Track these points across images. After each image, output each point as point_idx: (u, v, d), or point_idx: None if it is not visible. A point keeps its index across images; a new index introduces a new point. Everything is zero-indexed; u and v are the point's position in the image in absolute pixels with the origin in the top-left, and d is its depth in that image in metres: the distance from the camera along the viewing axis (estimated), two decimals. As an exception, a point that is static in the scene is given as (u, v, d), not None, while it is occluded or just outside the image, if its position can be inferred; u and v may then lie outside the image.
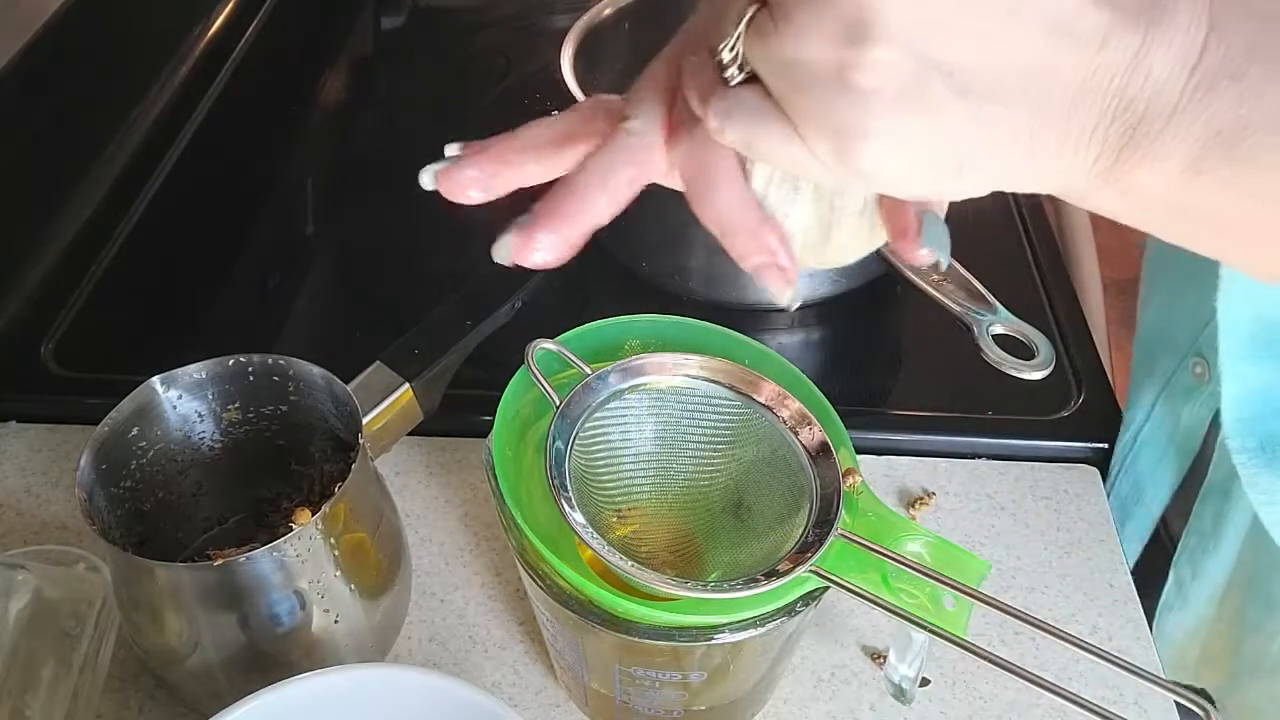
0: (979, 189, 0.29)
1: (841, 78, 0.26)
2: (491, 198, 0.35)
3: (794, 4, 0.26)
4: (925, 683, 0.55)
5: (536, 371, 0.48)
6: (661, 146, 0.34)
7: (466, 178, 0.35)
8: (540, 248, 0.33)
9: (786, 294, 0.34)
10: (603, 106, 0.36)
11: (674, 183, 0.34)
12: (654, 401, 0.49)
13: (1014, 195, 0.89)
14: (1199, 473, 0.61)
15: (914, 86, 0.26)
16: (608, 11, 0.78)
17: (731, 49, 0.29)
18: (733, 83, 0.29)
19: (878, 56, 0.25)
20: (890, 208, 0.34)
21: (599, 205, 0.33)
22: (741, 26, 0.28)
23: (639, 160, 0.34)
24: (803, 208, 0.34)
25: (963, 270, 0.62)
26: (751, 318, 0.74)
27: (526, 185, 0.36)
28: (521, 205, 0.35)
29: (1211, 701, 0.38)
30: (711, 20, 0.31)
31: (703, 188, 0.33)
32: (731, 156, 0.33)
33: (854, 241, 0.35)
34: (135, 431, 0.51)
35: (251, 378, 0.53)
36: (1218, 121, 0.25)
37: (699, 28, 0.35)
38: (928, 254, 0.33)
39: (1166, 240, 0.30)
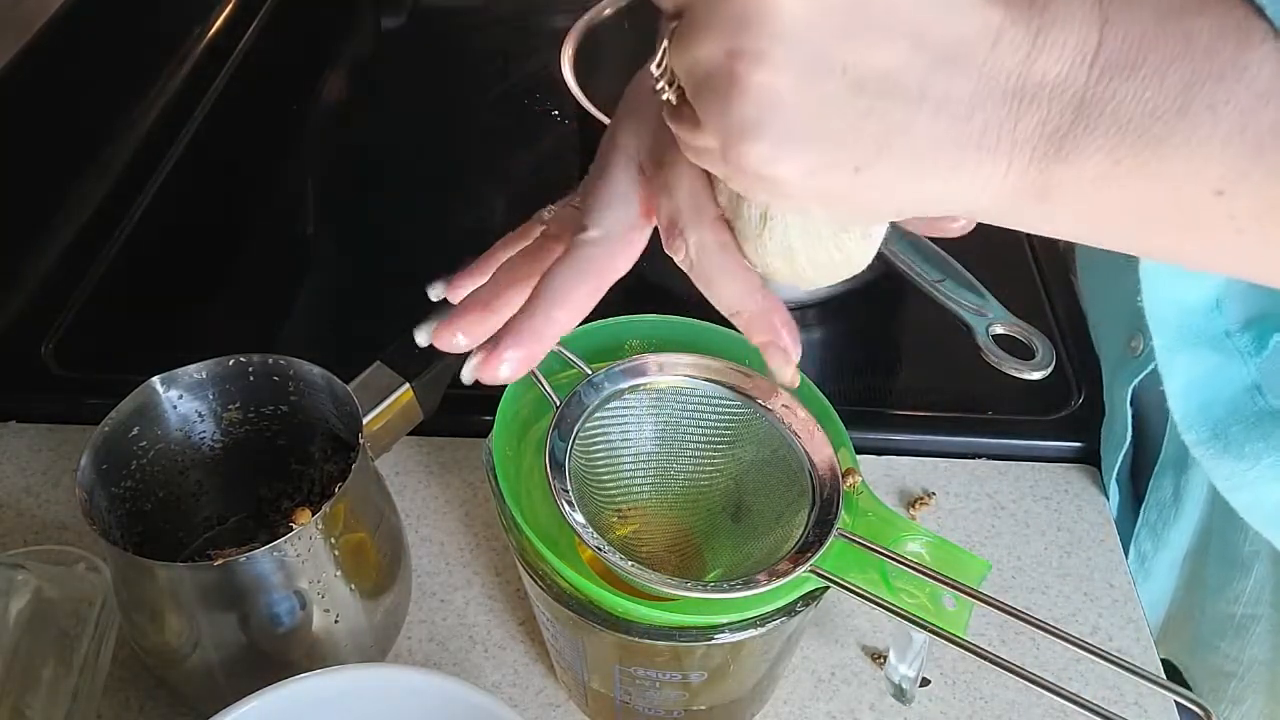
0: (884, 203, 0.29)
1: (731, 72, 0.26)
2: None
3: (695, 6, 0.27)
4: (925, 683, 0.55)
5: (536, 371, 0.48)
6: (624, 251, 0.36)
7: (460, 344, 0.39)
8: (507, 362, 0.36)
9: (787, 373, 0.36)
10: (562, 220, 0.38)
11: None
12: (654, 401, 0.49)
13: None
14: (1148, 447, 0.61)
15: (804, 82, 0.26)
16: (608, 11, 0.78)
17: (659, 64, 0.29)
18: (663, 96, 0.30)
19: (766, 50, 0.25)
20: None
21: (561, 321, 0.36)
22: (665, 41, 0.29)
23: (598, 270, 0.36)
24: (773, 229, 0.33)
25: (963, 270, 0.62)
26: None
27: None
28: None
29: None
30: (644, 79, 0.32)
31: (709, 277, 0.34)
32: (730, 244, 0.34)
33: (818, 267, 0.34)
34: (135, 431, 0.51)
35: (251, 378, 0.53)
36: (1125, 111, 0.26)
37: (636, 94, 0.36)
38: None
39: (1094, 245, 0.30)
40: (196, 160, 0.90)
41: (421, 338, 0.39)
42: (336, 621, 0.50)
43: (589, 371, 0.48)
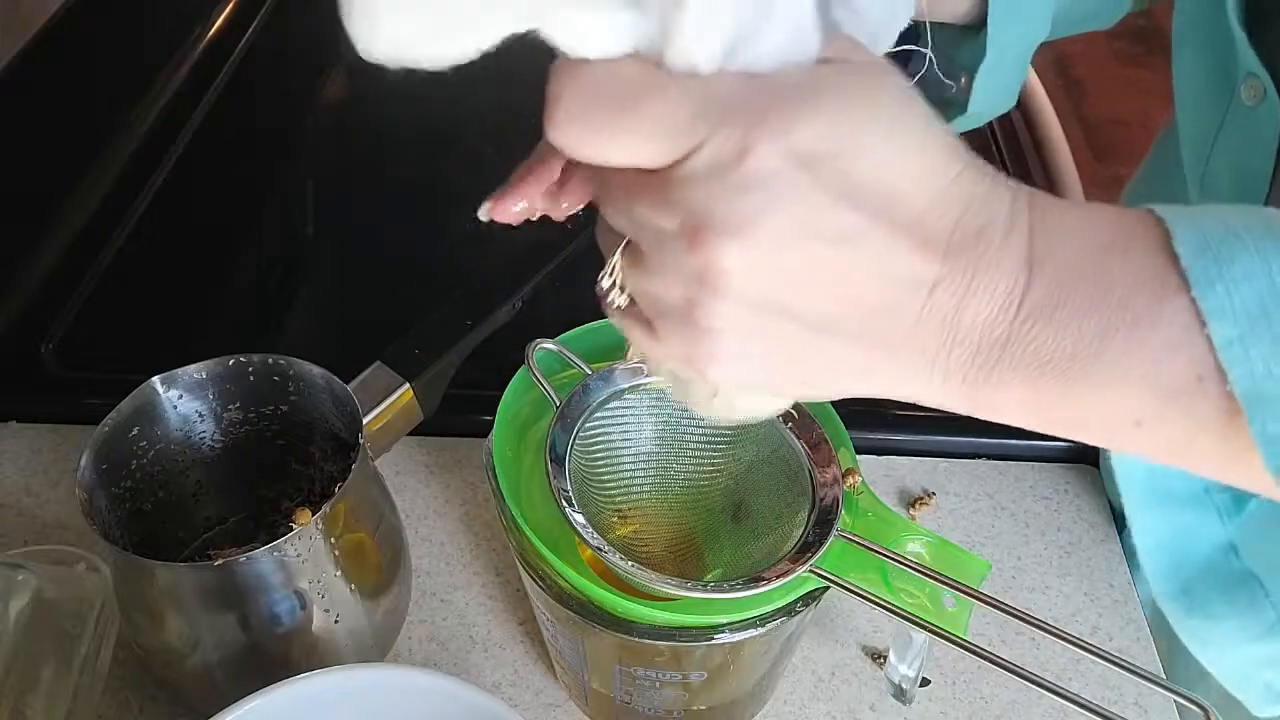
0: (829, 398, 0.32)
1: (690, 315, 0.28)
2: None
3: (651, 247, 0.29)
4: (925, 683, 0.55)
5: (536, 371, 0.48)
6: None
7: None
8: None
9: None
10: None
11: None
12: (654, 401, 0.49)
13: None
14: None
15: (756, 326, 0.28)
16: (608, 11, 0.78)
17: (610, 275, 0.32)
18: (614, 305, 0.32)
19: (721, 304, 0.27)
20: None
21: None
22: (617, 255, 0.31)
23: None
24: (722, 396, 0.34)
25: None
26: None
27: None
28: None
29: None
30: None
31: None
32: None
33: (755, 413, 0.36)
34: (135, 431, 0.51)
35: (251, 378, 0.53)
36: (1045, 351, 0.27)
37: None
38: None
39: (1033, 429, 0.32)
40: (196, 160, 0.90)
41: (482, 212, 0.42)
42: (336, 621, 0.50)
43: (589, 371, 0.48)
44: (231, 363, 0.53)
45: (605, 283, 0.32)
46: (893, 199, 0.27)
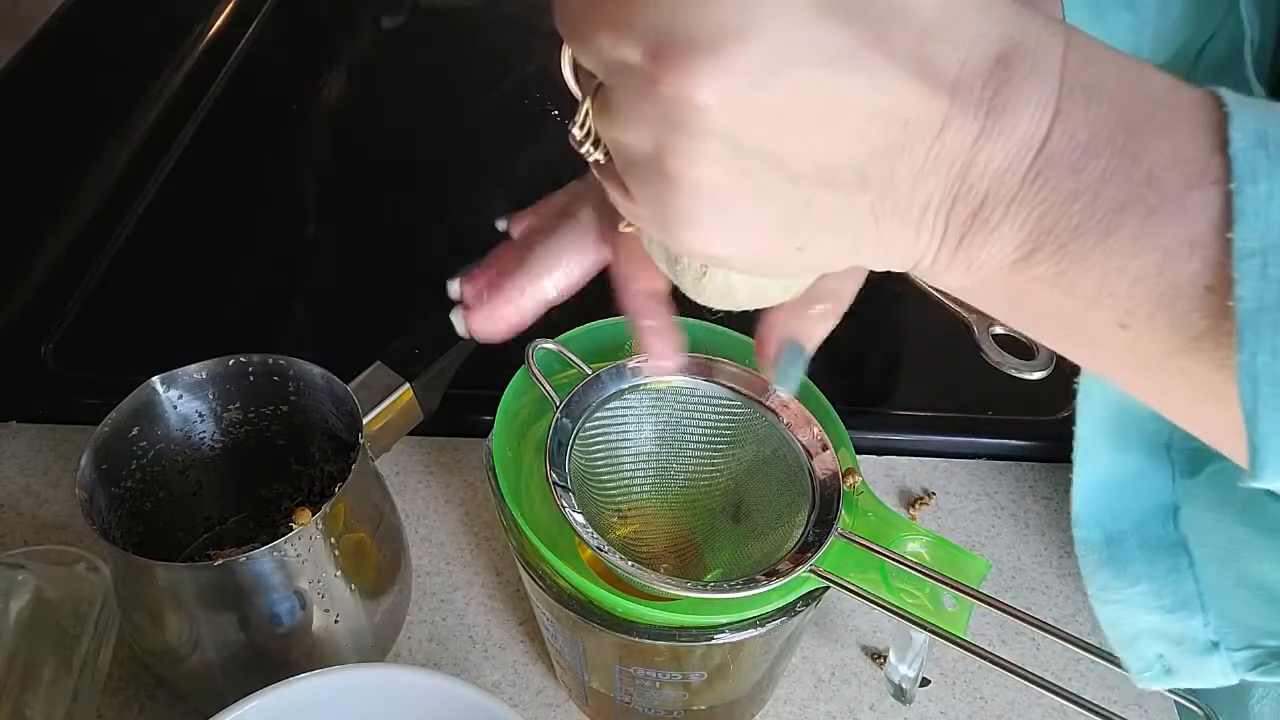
0: (825, 267, 0.29)
1: (661, 165, 0.25)
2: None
3: (618, 87, 0.26)
4: (925, 683, 0.55)
5: (536, 371, 0.48)
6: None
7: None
8: (492, 318, 0.38)
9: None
10: (574, 192, 0.40)
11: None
12: (654, 401, 0.49)
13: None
14: None
15: (738, 176, 0.25)
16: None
17: (581, 125, 0.28)
18: (589, 158, 0.29)
19: (696, 147, 0.24)
20: (760, 332, 0.36)
21: (548, 288, 0.38)
22: (587, 103, 0.28)
23: (582, 246, 0.38)
24: (713, 277, 0.33)
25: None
26: (751, 318, 0.73)
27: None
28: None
29: None
30: None
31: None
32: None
33: (758, 299, 0.34)
34: (135, 431, 0.51)
35: (251, 378, 0.53)
36: (1050, 218, 0.24)
37: None
38: (776, 389, 0.34)
39: (1013, 327, 0.29)
40: (196, 160, 0.90)
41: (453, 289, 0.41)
42: (336, 621, 0.50)
43: (589, 371, 0.48)
44: (231, 363, 0.53)
45: (577, 133, 0.28)
46: (894, 17, 0.23)
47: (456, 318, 0.40)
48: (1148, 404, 0.28)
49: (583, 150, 0.29)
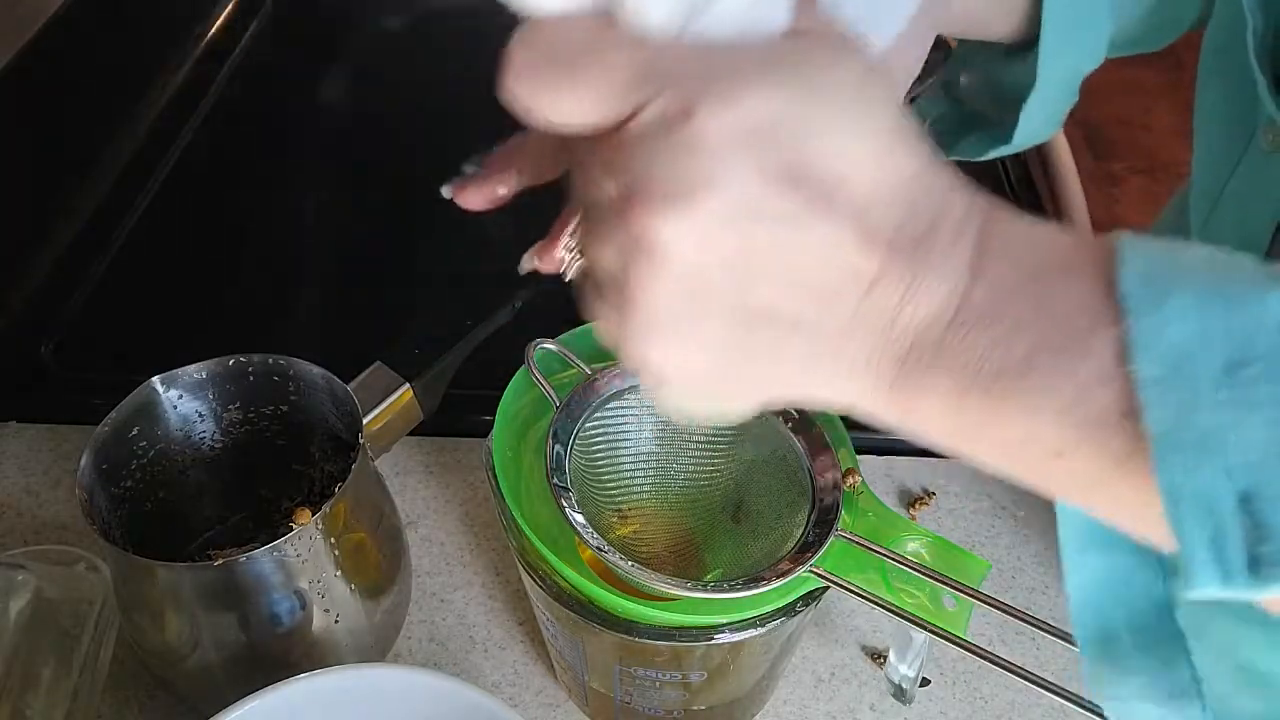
0: (766, 401, 0.31)
1: (625, 284, 0.28)
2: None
3: (596, 212, 0.28)
4: (925, 683, 0.55)
5: (536, 372, 0.48)
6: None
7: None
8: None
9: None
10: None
11: None
12: (654, 401, 0.49)
13: (1015, 193, 0.89)
14: None
15: (688, 306, 0.27)
16: (607, 12, 0.78)
17: (573, 234, 0.32)
18: (576, 262, 0.32)
19: (653, 274, 0.27)
20: None
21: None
22: (575, 222, 0.31)
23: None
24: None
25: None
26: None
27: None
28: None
29: None
30: None
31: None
32: None
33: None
34: (135, 431, 0.51)
35: (251, 378, 0.53)
36: (974, 364, 0.27)
37: None
38: None
39: (961, 457, 0.31)
40: (196, 160, 0.90)
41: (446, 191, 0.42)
42: (336, 621, 0.50)
43: (589, 371, 0.48)
44: (231, 363, 0.53)
45: (570, 243, 0.32)
46: (838, 185, 0.26)
47: (446, 190, 0.42)
48: (1103, 519, 0.30)
49: (571, 254, 0.32)
